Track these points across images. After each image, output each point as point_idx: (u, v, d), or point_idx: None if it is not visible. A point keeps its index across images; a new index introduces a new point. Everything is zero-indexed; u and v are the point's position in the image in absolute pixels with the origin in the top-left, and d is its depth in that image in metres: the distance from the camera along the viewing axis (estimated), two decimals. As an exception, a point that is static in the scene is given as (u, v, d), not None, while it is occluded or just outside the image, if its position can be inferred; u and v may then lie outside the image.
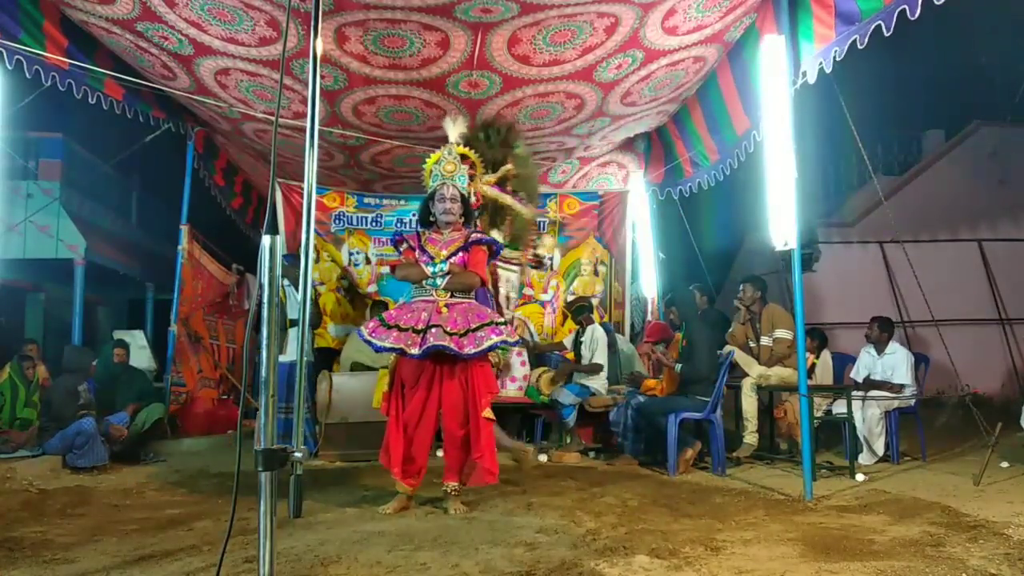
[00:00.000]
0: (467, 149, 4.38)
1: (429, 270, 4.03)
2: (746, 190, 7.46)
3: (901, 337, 7.11)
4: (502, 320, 4.02)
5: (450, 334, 3.81)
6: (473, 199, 4.30)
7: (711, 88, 6.02)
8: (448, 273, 4.01)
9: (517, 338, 4.08)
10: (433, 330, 3.81)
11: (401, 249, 4.24)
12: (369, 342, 3.92)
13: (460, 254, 4.05)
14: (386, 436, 4.06)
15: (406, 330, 3.85)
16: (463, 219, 4.21)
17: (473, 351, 3.80)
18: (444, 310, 3.91)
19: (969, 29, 10.95)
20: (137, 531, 3.63)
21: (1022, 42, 10.11)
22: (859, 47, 4.14)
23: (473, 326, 3.86)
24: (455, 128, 4.32)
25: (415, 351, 3.78)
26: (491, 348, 3.88)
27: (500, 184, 4.73)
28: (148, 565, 3.00)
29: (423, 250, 4.09)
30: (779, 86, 4.54)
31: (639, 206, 8.01)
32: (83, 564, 3.04)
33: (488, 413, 3.96)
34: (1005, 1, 9.95)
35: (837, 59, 4.29)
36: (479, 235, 4.17)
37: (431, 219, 4.23)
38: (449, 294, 4.00)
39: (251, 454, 1.92)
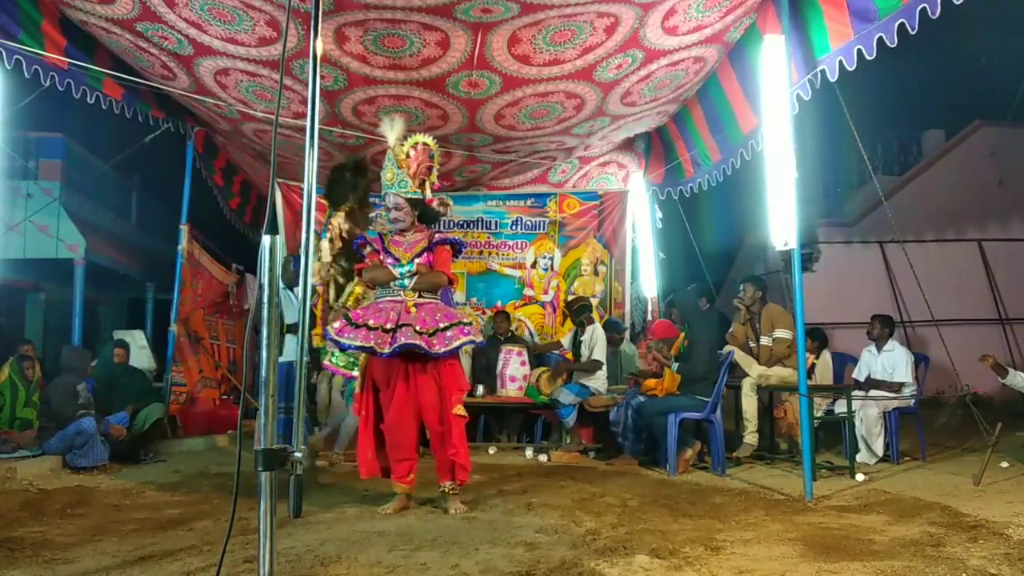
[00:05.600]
0: (402, 148, 4.18)
1: (397, 271, 4.07)
2: (746, 190, 7.46)
3: (901, 337, 7.10)
4: (468, 320, 4.08)
5: (420, 333, 3.85)
6: (428, 195, 4.18)
7: (712, 88, 6.01)
8: (416, 273, 4.05)
9: (483, 339, 4.11)
10: (403, 329, 3.85)
11: (365, 252, 4.25)
12: (337, 341, 3.93)
13: (425, 255, 4.09)
14: (359, 436, 4.15)
15: (375, 329, 3.87)
16: (420, 220, 4.19)
17: (443, 350, 3.86)
18: (413, 310, 3.96)
19: (969, 29, 10.94)
20: (137, 531, 3.63)
21: (1022, 42, 10.11)
22: (889, 45, 4.06)
23: (442, 325, 3.92)
24: (392, 132, 4.16)
25: (386, 350, 3.81)
26: (460, 347, 3.94)
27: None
28: (148, 565, 3.00)
29: (388, 252, 4.12)
30: (779, 86, 4.55)
31: (639, 206, 8.02)
32: (83, 564, 3.04)
33: (459, 410, 4.01)
34: (1005, 1, 9.95)
35: (867, 57, 4.22)
36: (442, 235, 4.23)
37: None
38: (417, 294, 4.04)
39: (251, 454, 1.92)
